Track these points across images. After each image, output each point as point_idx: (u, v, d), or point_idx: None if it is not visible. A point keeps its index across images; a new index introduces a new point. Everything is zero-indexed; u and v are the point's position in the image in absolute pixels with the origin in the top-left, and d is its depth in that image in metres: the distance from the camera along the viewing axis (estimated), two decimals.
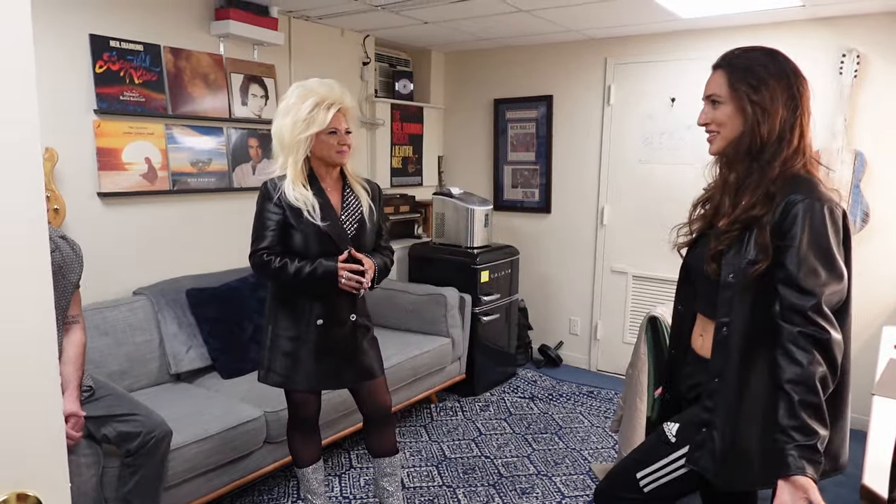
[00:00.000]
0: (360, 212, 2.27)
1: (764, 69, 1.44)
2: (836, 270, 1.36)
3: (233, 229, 3.52)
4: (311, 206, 2.14)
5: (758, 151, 1.45)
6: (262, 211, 2.20)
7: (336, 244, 2.17)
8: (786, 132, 1.42)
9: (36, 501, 0.78)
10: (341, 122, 2.18)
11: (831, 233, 1.36)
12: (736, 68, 1.46)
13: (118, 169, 2.93)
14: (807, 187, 1.39)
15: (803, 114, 1.45)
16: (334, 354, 2.24)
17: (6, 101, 0.74)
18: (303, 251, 2.17)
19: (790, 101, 1.43)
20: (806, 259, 1.34)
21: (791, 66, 1.47)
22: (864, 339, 3.53)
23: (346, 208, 2.25)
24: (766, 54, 1.47)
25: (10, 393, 0.76)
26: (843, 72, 3.42)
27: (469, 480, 3.00)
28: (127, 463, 2.16)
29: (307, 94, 2.12)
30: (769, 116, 1.42)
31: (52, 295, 0.80)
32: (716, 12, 3.44)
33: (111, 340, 2.74)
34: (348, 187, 2.29)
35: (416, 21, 3.81)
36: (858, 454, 1.71)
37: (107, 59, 2.87)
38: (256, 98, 3.55)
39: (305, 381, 2.24)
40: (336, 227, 2.19)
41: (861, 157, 3.43)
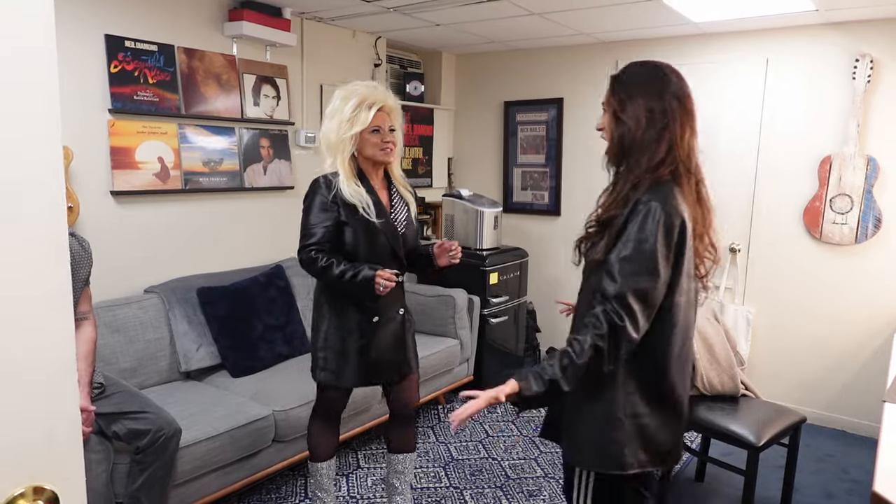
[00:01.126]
0: (407, 211, 2.34)
1: (636, 85, 1.56)
2: (652, 269, 1.42)
3: (243, 229, 3.54)
4: (366, 203, 2.18)
5: (624, 157, 1.55)
6: (312, 206, 2.21)
7: (388, 241, 2.23)
8: (650, 143, 1.50)
9: (52, 495, 0.79)
10: (384, 120, 2.21)
11: (661, 235, 1.42)
12: (618, 81, 1.60)
13: (131, 168, 2.96)
14: (660, 193, 1.46)
15: (676, 128, 1.51)
16: (384, 350, 2.29)
17: (30, 101, 0.75)
18: (353, 248, 2.19)
19: (656, 115, 1.50)
20: (625, 249, 1.43)
21: (671, 84, 1.56)
22: (876, 346, 3.51)
23: (394, 207, 2.31)
24: (647, 71, 1.60)
25: (27, 388, 0.77)
26: (856, 77, 3.40)
27: (476, 482, 3.00)
28: (136, 460, 2.17)
29: (350, 96, 2.18)
30: (629, 128, 1.52)
31: (70, 292, 0.81)
32: (728, 16, 3.43)
33: (122, 338, 2.76)
34: (394, 187, 2.34)
35: (428, 23, 3.82)
36: (869, 461, 1.70)
37: (122, 59, 2.89)
38: (268, 98, 3.57)
39: (353, 378, 2.28)
40: (389, 224, 2.25)
41: (874, 163, 3.41)
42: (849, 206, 3.48)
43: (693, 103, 1.58)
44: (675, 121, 1.51)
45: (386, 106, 2.22)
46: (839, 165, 3.49)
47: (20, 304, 0.76)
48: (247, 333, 3.08)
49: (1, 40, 0.72)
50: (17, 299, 0.75)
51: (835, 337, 3.64)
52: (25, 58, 0.74)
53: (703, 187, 1.58)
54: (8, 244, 0.74)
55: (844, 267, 3.57)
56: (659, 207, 1.43)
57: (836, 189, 3.50)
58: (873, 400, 3.51)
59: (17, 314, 0.76)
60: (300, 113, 3.82)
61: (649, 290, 1.42)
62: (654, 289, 1.43)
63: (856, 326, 3.57)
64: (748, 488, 2.45)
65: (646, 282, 1.42)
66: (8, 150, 0.73)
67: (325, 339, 2.27)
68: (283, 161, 3.68)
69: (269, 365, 3.12)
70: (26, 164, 0.75)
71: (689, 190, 1.52)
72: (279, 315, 3.24)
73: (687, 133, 1.54)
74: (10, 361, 0.75)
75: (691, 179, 1.53)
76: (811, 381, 3.73)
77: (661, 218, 1.42)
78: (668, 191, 1.47)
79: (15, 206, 0.74)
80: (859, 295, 3.54)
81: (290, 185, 3.73)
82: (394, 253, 2.26)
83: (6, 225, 0.74)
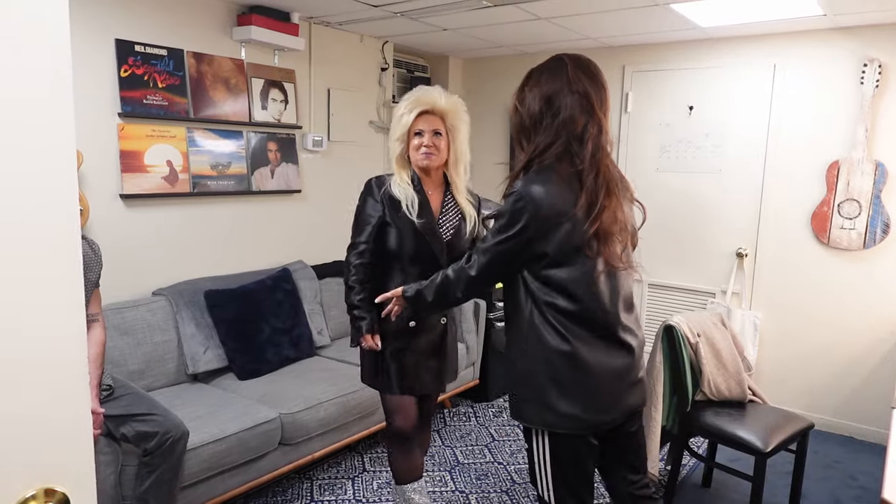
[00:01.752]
0: (460, 220, 2.27)
1: (532, 77, 1.76)
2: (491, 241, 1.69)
3: (251, 232, 3.56)
4: (410, 200, 2.18)
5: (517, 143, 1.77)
6: (362, 206, 2.24)
7: (429, 245, 2.18)
8: (528, 133, 1.70)
9: (63, 497, 0.79)
10: (428, 123, 2.19)
11: (506, 211, 1.63)
12: (527, 74, 1.79)
13: (140, 171, 2.98)
14: (527, 178, 1.63)
15: (558, 121, 1.64)
16: (421, 357, 2.25)
17: (45, 106, 0.76)
18: (397, 250, 2.19)
19: (542, 107, 1.67)
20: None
21: (565, 74, 1.69)
22: (884, 351, 3.49)
23: (444, 213, 2.26)
24: (546, 65, 1.76)
25: (39, 390, 0.78)
26: (864, 81, 3.38)
27: (482, 486, 3.00)
28: (144, 462, 2.19)
29: (406, 99, 2.22)
30: (514, 118, 1.75)
31: (82, 295, 0.82)
32: (735, 21, 3.43)
33: (130, 340, 2.78)
34: (450, 193, 2.29)
35: (435, 28, 3.83)
36: (878, 468, 1.69)
37: (132, 64, 2.92)
38: (276, 102, 3.59)
39: (403, 386, 2.24)
40: (431, 225, 2.19)
41: (882, 168, 3.39)
42: (857, 211, 3.46)
43: (597, 95, 1.68)
44: (565, 113, 1.64)
45: (436, 109, 2.19)
46: (847, 170, 3.47)
47: (33, 307, 0.77)
48: (254, 336, 3.09)
49: (19, 49, 0.73)
50: (30, 302, 0.76)
51: (843, 342, 3.62)
52: (42, 66, 0.75)
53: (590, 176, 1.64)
54: (22, 248, 0.75)
55: (852, 272, 3.55)
56: (511, 192, 1.64)
57: (844, 194, 3.49)
58: (882, 406, 3.48)
59: (30, 317, 0.77)
60: (308, 117, 3.84)
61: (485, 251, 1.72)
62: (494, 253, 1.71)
63: (864, 332, 3.55)
64: (755, 494, 2.44)
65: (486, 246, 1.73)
66: (24, 157, 0.74)
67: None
68: (291, 165, 3.69)
69: (276, 368, 3.13)
70: (41, 170, 0.76)
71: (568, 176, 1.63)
72: (286, 318, 3.25)
73: (581, 122, 1.64)
74: (23, 363, 0.76)
75: (558, 167, 1.63)
76: (819, 386, 3.71)
77: (508, 202, 1.63)
78: (531, 176, 1.63)
79: (30, 211, 0.75)
80: (867, 300, 3.52)
81: (298, 188, 3.75)
82: (434, 258, 2.18)
83: (21, 229, 0.75)
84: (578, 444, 1.68)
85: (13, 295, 0.74)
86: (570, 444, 1.68)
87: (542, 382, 1.64)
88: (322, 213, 3.97)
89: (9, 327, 0.74)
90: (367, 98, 4.27)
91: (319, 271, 3.70)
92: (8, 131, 0.73)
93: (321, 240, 3.96)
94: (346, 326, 3.72)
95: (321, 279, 3.67)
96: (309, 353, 3.33)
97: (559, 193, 1.60)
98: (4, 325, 0.74)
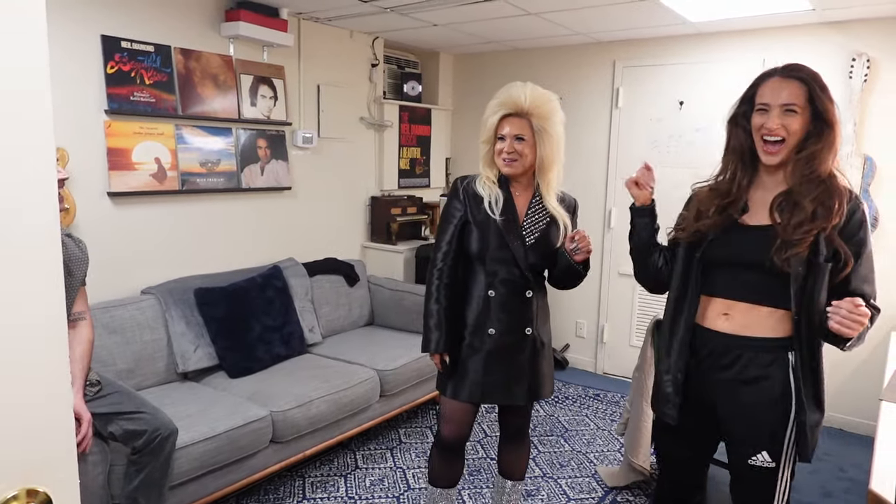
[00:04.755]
0: (546, 225, 2.12)
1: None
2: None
3: (241, 229, 3.54)
4: (494, 197, 2.09)
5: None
6: (446, 206, 2.18)
7: (509, 246, 2.06)
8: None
9: (45, 497, 0.78)
10: (511, 126, 2.07)
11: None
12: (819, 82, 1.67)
13: (128, 169, 2.95)
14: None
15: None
16: (505, 367, 2.11)
17: (21, 100, 0.75)
18: (479, 251, 2.09)
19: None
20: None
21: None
22: (873, 345, 3.51)
23: (530, 214, 2.13)
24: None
25: (20, 390, 0.77)
26: (853, 76, 3.40)
27: (474, 482, 3.00)
28: (133, 461, 2.17)
29: (493, 100, 2.13)
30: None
31: (63, 294, 0.81)
32: (724, 16, 3.43)
33: (119, 339, 2.76)
34: (538, 195, 2.15)
35: (425, 23, 3.82)
36: (866, 460, 1.70)
37: (118, 60, 2.89)
38: (265, 99, 3.57)
39: (468, 392, 2.11)
40: (512, 225, 2.07)
41: (870, 162, 3.41)
42: None
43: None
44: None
45: (521, 111, 2.06)
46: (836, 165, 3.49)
47: (13, 306, 0.76)
48: (244, 334, 3.07)
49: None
50: (9, 303, 0.75)
51: None
52: (16, 60, 0.74)
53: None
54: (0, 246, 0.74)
55: None
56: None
57: None
58: (870, 398, 3.51)
59: (10, 316, 0.75)
60: (297, 113, 3.82)
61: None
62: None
63: None
64: None
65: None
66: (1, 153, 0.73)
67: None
68: (281, 161, 3.67)
69: (267, 366, 3.11)
70: (18, 167, 0.75)
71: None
72: (277, 316, 3.24)
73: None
74: (3, 364, 0.75)
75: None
76: None
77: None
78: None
79: (7, 209, 0.74)
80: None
81: (288, 185, 3.73)
82: (515, 261, 2.07)
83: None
84: None
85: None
86: None
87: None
88: (313, 211, 3.95)
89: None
90: (357, 94, 4.25)
91: (310, 269, 3.69)
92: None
93: (312, 237, 3.94)
94: (337, 323, 3.74)
95: (312, 276, 3.66)
96: (300, 351, 3.32)
97: None
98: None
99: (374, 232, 4.39)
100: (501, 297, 2.09)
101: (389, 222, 4.30)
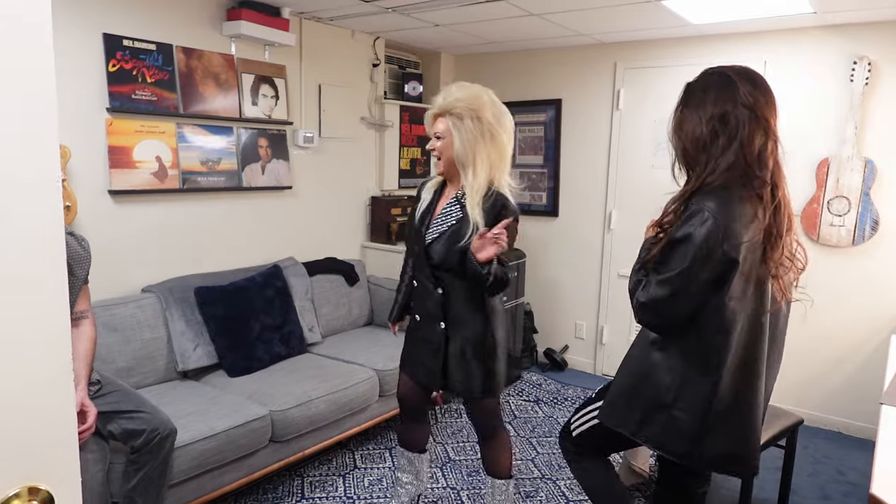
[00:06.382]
0: (454, 222, 2.16)
1: (702, 93, 1.74)
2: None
3: (241, 229, 3.54)
4: (425, 201, 2.30)
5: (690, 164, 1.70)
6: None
7: (418, 248, 2.26)
8: (714, 150, 1.65)
9: (47, 495, 0.78)
10: (432, 127, 2.22)
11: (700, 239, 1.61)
12: (688, 89, 1.79)
13: (129, 167, 2.95)
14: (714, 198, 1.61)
15: (744, 135, 1.62)
16: (418, 353, 2.34)
17: (26, 98, 0.75)
18: (406, 247, 2.44)
19: (724, 123, 1.64)
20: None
21: (740, 91, 1.66)
22: (873, 348, 3.52)
23: (441, 214, 2.22)
24: (716, 80, 1.73)
25: (23, 388, 0.77)
26: (854, 79, 3.40)
27: (473, 483, 3.00)
28: (132, 460, 2.17)
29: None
30: (694, 136, 1.71)
31: (66, 292, 0.81)
32: (726, 18, 3.43)
33: (119, 337, 2.76)
34: (459, 194, 2.20)
35: (427, 23, 3.82)
36: (866, 463, 1.70)
37: (120, 58, 2.89)
38: (267, 98, 3.57)
39: (402, 360, 2.43)
40: (420, 223, 2.27)
41: (871, 165, 3.41)
42: (846, 208, 3.48)
43: (768, 108, 1.65)
44: (743, 128, 1.56)
45: (441, 109, 2.16)
46: (837, 168, 3.49)
47: (16, 305, 0.75)
48: (244, 333, 3.07)
49: None
50: (12, 300, 0.75)
51: (832, 338, 3.64)
52: (22, 56, 0.74)
53: (780, 192, 1.57)
54: (3, 243, 0.74)
55: (841, 269, 3.57)
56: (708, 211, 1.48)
57: (834, 191, 3.51)
58: (871, 401, 3.51)
59: (13, 314, 0.75)
60: (299, 113, 3.81)
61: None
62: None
63: (853, 328, 3.58)
64: (745, 490, 2.45)
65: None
66: (3, 150, 0.73)
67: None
68: (282, 161, 3.67)
69: (267, 365, 3.11)
70: (22, 164, 0.75)
71: (755, 195, 1.53)
72: (276, 315, 3.24)
73: (757, 139, 1.57)
74: (6, 362, 0.75)
75: (761, 184, 1.54)
76: (808, 382, 3.73)
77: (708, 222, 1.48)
78: (725, 196, 1.50)
79: (11, 206, 0.74)
80: (856, 297, 3.55)
81: (289, 184, 3.73)
82: (424, 262, 2.22)
83: (1, 224, 0.73)
84: None
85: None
86: None
87: None
88: (313, 210, 3.95)
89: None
90: (358, 94, 4.25)
91: (310, 268, 3.69)
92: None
93: (312, 237, 3.94)
94: (337, 323, 3.74)
95: (312, 276, 3.66)
96: (300, 350, 3.32)
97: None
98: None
99: (374, 232, 4.39)
100: (419, 290, 2.30)
101: (389, 222, 4.29)
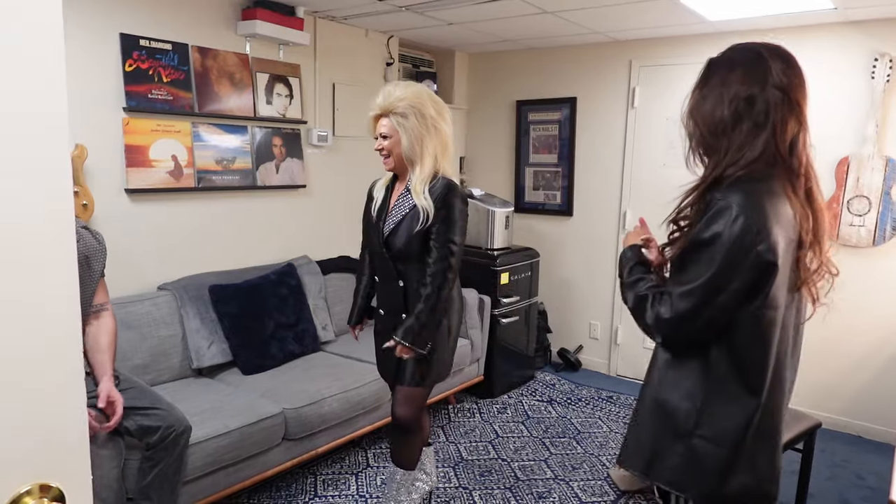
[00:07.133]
0: (403, 214, 2.24)
1: (730, 70, 1.50)
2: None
3: (256, 227, 3.56)
4: (378, 199, 2.34)
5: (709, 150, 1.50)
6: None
7: (376, 241, 2.30)
8: (740, 135, 1.43)
9: (58, 492, 0.79)
10: (375, 128, 2.31)
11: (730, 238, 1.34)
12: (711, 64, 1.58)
13: (145, 166, 2.98)
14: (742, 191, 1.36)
15: (778, 121, 1.40)
16: (378, 346, 2.39)
17: (36, 95, 0.75)
18: (364, 243, 2.47)
19: (753, 105, 1.42)
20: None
21: (772, 71, 1.45)
22: (893, 351, 3.45)
23: (395, 206, 2.30)
24: (746, 56, 1.52)
25: (33, 385, 0.77)
26: (875, 76, 3.34)
27: (485, 483, 2.99)
28: (147, 456, 2.19)
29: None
30: (716, 118, 1.48)
31: (77, 288, 0.81)
32: (743, 15, 3.39)
33: (135, 334, 2.78)
34: (406, 188, 2.28)
35: (441, 22, 3.81)
36: (886, 468, 1.66)
37: (136, 58, 2.91)
38: (281, 97, 3.58)
39: (380, 367, 2.48)
40: (377, 216, 2.31)
41: (892, 164, 3.35)
42: (867, 207, 3.42)
43: (801, 91, 1.42)
44: (776, 112, 1.36)
45: (383, 110, 2.25)
46: (857, 167, 3.43)
47: (26, 303, 0.76)
48: (258, 331, 3.09)
49: (7, 39, 0.72)
50: (23, 299, 0.75)
51: (851, 340, 3.58)
52: (33, 55, 0.74)
53: (814, 188, 1.41)
54: (14, 244, 0.74)
55: (861, 269, 3.51)
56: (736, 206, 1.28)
57: (854, 191, 3.45)
58: (891, 405, 3.45)
59: (23, 312, 0.76)
60: (313, 112, 3.83)
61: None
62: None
63: (873, 330, 3.51)
64: None
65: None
66: (14, 150, 0.73)
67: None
68: (296, 160, 3.69)
69: (280, 363, 3.13)
70: (33, 164, 0.75)
71: (788, 190, 1.36)
72: (290, 313, 3.25)
73: (791, 126, 1.37)
74: (17, 360, 0.75)
75: (794, 178, 1.37)
76: (827, 385, 3.67)
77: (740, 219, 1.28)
78: (755, 189, 1.32)
79: (22, 202, 0.74)
80: (876, 298, 3.48)
81: (303, 183, 3.74)
82: (382, 254, 2.29)
83: (13, 221, 0.74)
84: None
85: (5, 288, 0.74)
86: None
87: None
88: (327, 209, 3.96)
89: (2, 321, 0.74)
90: (372, 93, 4.21)
91: (324, 266, 3.70)
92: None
93: (326, 235, 3.95)
94: None
95: (326, 274, 3.67)
96: (313, 349, 3.33)
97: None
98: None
99: None
100: (381, 283, 2.37)
101: None
